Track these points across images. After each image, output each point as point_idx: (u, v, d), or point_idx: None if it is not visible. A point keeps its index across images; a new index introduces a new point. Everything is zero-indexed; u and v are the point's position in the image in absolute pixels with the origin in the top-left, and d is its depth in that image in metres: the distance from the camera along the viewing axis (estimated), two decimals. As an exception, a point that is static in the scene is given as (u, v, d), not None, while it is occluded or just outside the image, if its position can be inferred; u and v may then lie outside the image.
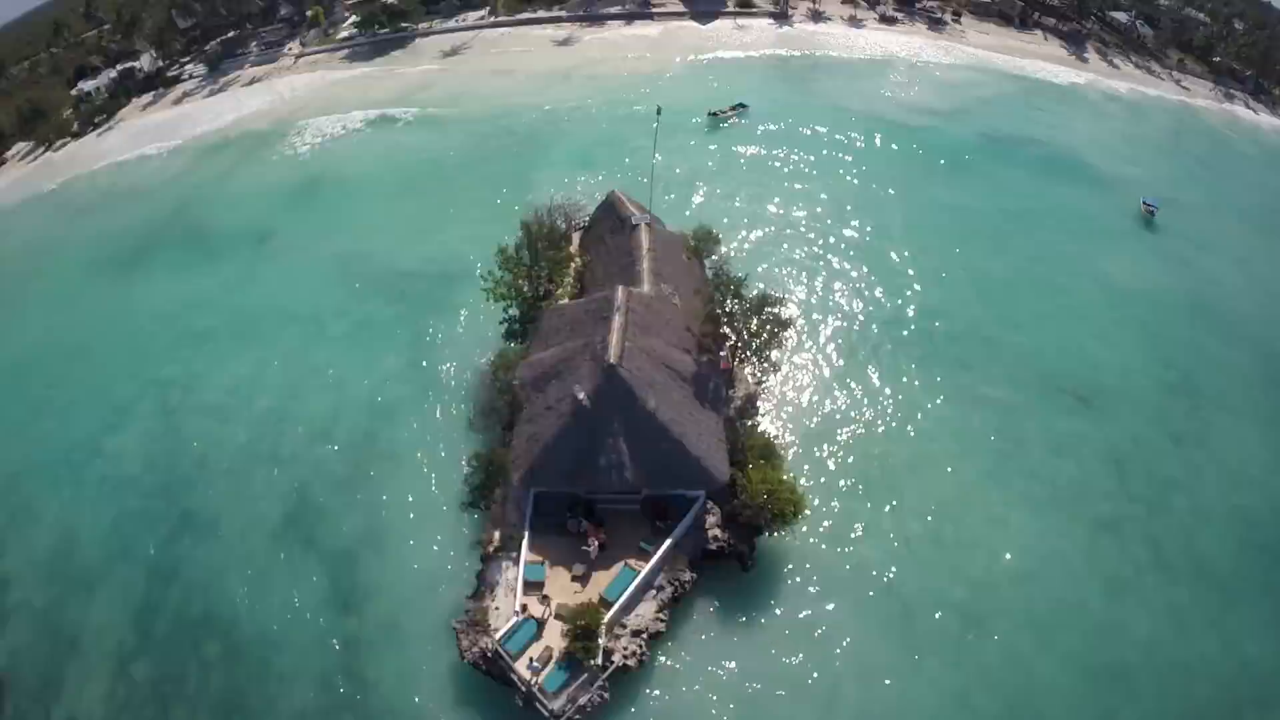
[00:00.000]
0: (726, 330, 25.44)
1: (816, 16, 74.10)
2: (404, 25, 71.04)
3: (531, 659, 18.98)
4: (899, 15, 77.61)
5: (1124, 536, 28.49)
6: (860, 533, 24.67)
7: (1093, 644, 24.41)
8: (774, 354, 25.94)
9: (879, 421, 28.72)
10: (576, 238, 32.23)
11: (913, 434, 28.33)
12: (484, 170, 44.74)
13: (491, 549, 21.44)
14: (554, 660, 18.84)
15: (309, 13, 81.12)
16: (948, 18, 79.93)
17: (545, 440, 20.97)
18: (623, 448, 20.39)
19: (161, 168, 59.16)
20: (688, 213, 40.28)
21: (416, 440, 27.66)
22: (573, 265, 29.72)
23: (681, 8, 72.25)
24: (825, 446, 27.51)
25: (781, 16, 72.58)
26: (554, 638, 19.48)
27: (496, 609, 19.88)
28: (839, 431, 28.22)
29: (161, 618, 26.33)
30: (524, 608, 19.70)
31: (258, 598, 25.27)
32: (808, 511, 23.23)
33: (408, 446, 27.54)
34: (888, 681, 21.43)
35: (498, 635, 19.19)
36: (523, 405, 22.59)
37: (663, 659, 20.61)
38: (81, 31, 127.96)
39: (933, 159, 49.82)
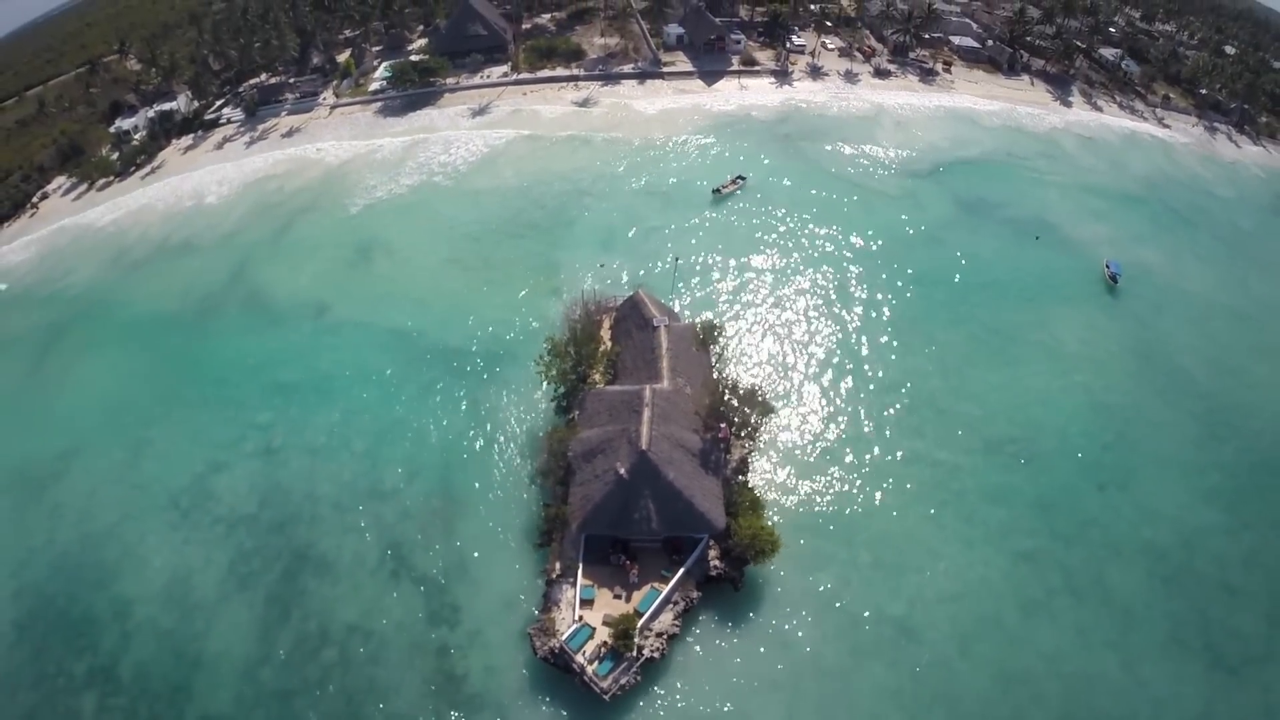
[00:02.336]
0: (725, 412, 35.86)
1: (815, 73, 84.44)
2: (432, 80, 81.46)
3: (586, 653, 29.07)
4: (892, 68, 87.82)
5: (1040, 566, 36.82)
6: (822, 564, 34.70)
7: (1006, 653, 32.54)
8: (759, 432, 36.35)
9: (842, 479, 38.78)
10: (606, 321, 42.74)
11: (869, 489, 38.38)
12: (517, 247, 54.75)
13: (554, 576, 31.87)
14: (603, 654, 28.96)
15: (340, 58, 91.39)
16: (939, 68, 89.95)
17: (595, 500, 31.69)
18: (650, 506, 31.12)
19: (213, 224, 66.47)
20: (696, 289, 50.80)
21: (487, 488, 37.84)
22: (604, 353, 40.26)
23: (690, 67, 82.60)
24: (798, 498, 37.72)
25: (782, 74, 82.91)
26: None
27: (561, 618, 30.18)
28: (809, 487, 38.33)
29: (282, 634, 33.63)
30: (580, 618, 30.00)
31: (367, 615, 33.80)
32: (783, 547, 33.24)
33: (481, 493, 37.70)
34: (838, 677, 31.04)
35: (562, 637, 29.41)
36: (575, 471, 33.19)
37: (677, 653, 30.80)
38: (104, 54, 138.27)
39: (909, 230, 59.68)
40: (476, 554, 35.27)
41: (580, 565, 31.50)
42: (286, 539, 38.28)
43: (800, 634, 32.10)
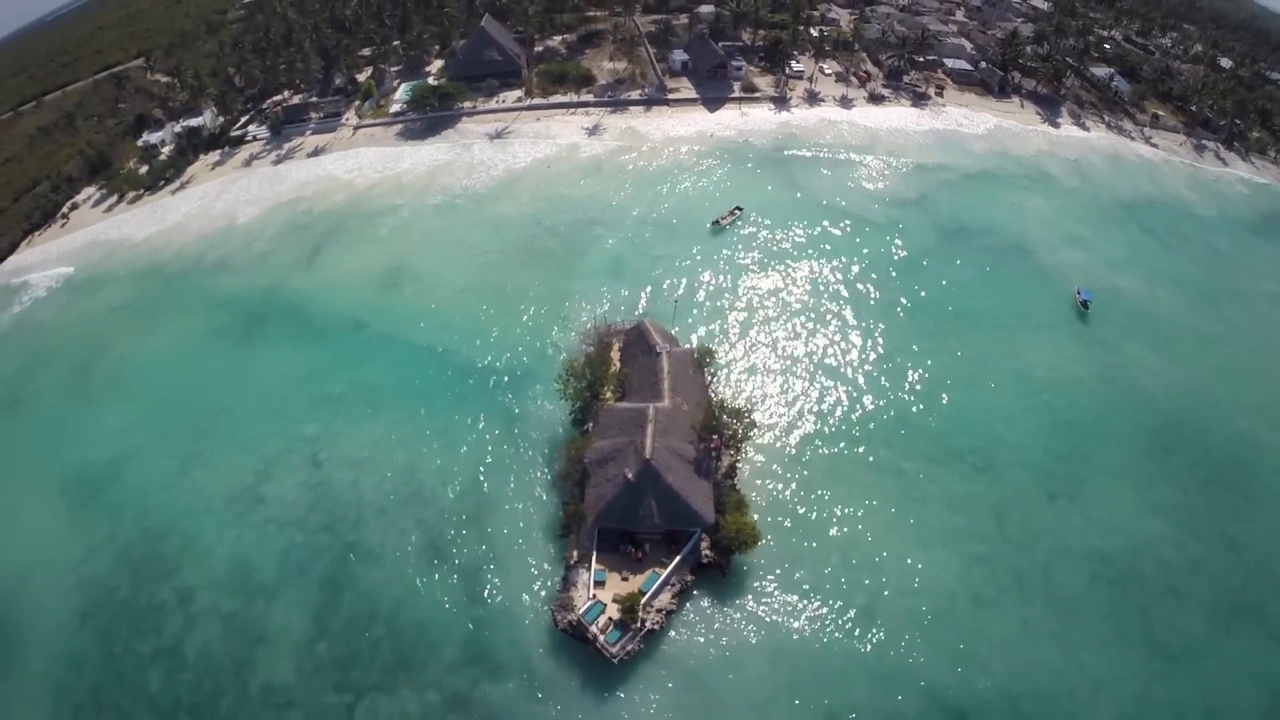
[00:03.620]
0: (716, 425, 43.78)
1: (812, 98, 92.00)
2: (451, 104, 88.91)
3: (599, 625, 36.73)
4: (886, 93, 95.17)
5: (992, 568, 43.10)
6: (797, 556, 42.48)
7: (957, 639, 39.22)
8: (746, 443, 44.43)
9: (816, 485, 46.44)
10: (616, 345, 50.91)
11: (840, 495, 46.02)
12: (533, 275, 62.49)
13: (572, 562, 39.83)
14: (612, 625, 36.66)
15: (360, 78, 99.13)
16: (931, 92, 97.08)
17: (607, 499, 39.73)
18: (653, 504, 39.16)
19: (247, 243, 73.60)
20: (694, 317, 58.32)
21: (515, 490, 45.79)
22: (614, 375, 48.17)
23: (693, 94, 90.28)
24: (778, 500, 45.46)
25: (781, 101, 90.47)
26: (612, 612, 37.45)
27: (578, 596, 38.12)
28: (787, 491, 46.04)
29: (336, 614, 40.91)
30: (594, 596, 37.79)
31: (411, 597, 41.37)
32: (763, 541, 41.24)
33: (509, 494, 45.63)
34: (809, 648, 38.67)
35: (579, 612, 37.12)
36: (590, 475, 41.31)
37: (674, 626, 38.72)
38: (122, 61, 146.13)
39: (892, 259, 67.13)
40: (505, 545, 43.25)
41: (594, 553, 39.61)
42: (336, 535, 45.70)
43: (777, 612, 39.94)
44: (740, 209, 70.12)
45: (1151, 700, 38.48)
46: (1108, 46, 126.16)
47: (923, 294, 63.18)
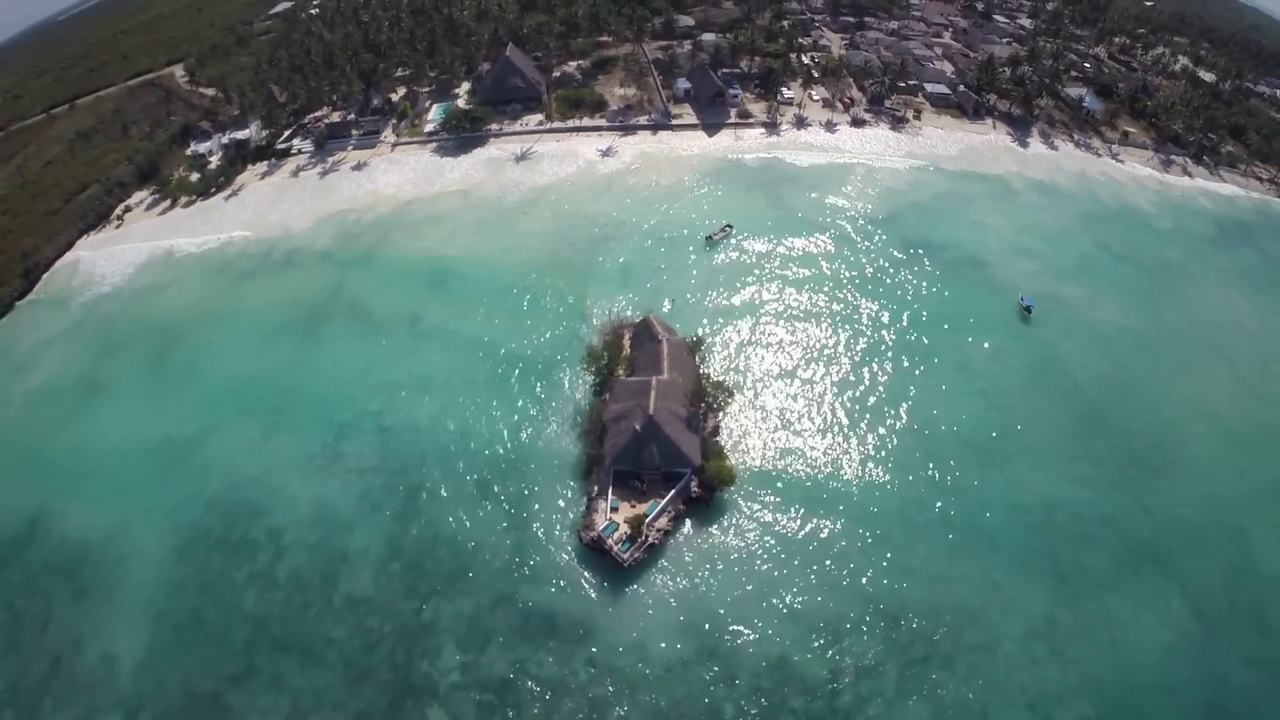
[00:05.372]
0: (704, 395, 60.47)
1: (800, 123, 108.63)
2: (480, 126, 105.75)
3: (614, 539, 52.87)
4: (868, 117, 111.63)
5: (924, 509, 58.55)
6: (763, 493, 58.77)
7: (891, 556, 55.05)
8: (726, 409, 61.52)
9: (781, 443, 62.92)
10: (627, 335, 67.66)
11: (800, 449, 62.52)
12: (557, 280, 79.28)
13: (593, 495, 56.46)
14: (623, 539, 52.84)
15: (393, 97, 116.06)
16: (909, 115, 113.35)
17: (620, 446, 56.44)
18: (654, 450, 55.81)
19: (303, 248, 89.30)
20: (689, 314, 74.96)
21: (548, 443, 62.32)
22: (626, 357, 64.95)
23: (694, 119, 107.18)
24: (749, 452, 61.81)
25: (771, 125, 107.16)
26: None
27: (598, 519, 54.31)
28: (756, 446, 62.38)
29: (406, 540, 56.95)
30: (610, 518, 54.14)
31: (466, 525, 57.49)
32: (739, 481, 57.99)
33: (543, 447, 62.15)
34: (775, 558, 54.72)
35: (599, 529, 53.21)
36: (607, 429, 57.88)
37: (670, 541, 55.13)
38: (152, 68, 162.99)
39: (859, 270, 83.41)
40: (541, 483, 59.71)
41: (610, 487, 56.15)
42: (404, 478, 61.83)
43: (748, 533, 56.29)
44: (731, 226, 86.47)
45: (1057, 621, 51.46)
46: (1087, 65, 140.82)
47: (883, 300, 79.34)
